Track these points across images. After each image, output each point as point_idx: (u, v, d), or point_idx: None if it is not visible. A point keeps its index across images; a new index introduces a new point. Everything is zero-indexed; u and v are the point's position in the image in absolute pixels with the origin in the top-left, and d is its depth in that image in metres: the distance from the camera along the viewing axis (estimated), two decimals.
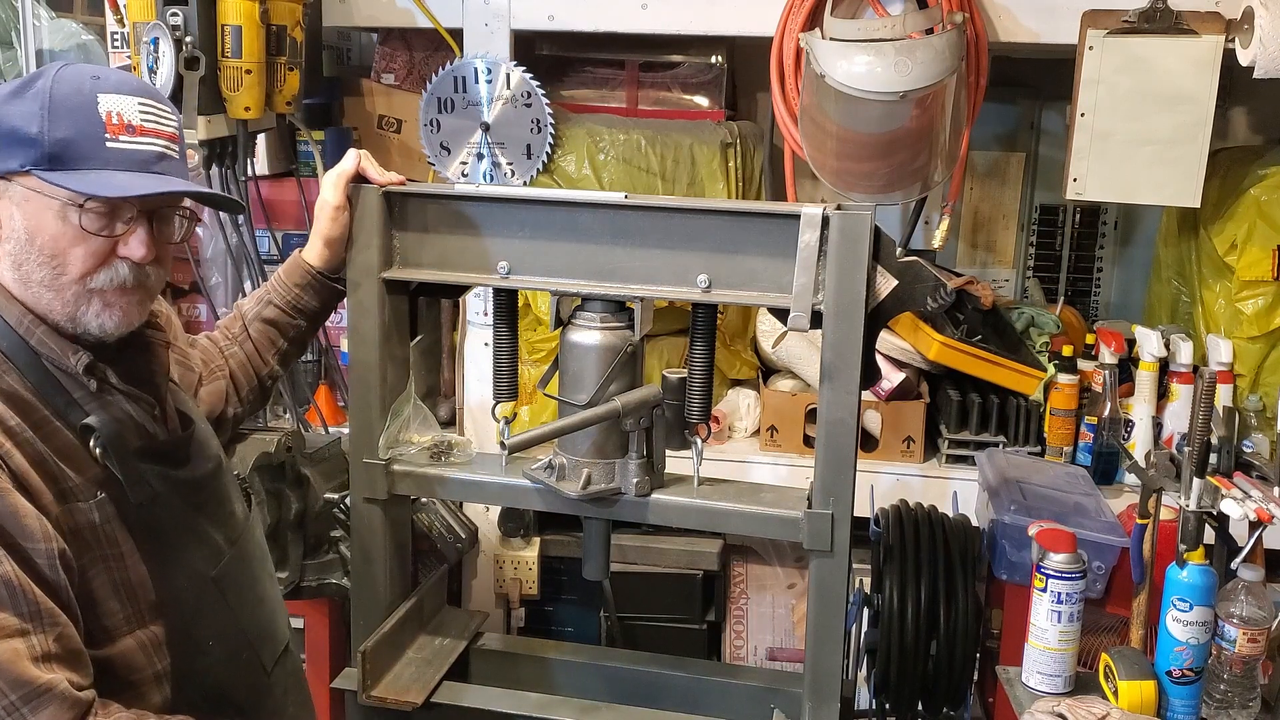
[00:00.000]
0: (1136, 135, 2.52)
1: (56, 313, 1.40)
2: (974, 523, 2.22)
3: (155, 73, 2.38)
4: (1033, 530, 1.84)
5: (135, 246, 1.41)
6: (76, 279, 1.39)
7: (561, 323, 1.90)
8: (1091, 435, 2.69)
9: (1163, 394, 2.70)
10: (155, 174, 1.42)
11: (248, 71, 2.49)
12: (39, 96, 1.34)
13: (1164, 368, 2.69)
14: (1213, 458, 1.68)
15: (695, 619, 2.98)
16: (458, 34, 2.82)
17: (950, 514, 2.23)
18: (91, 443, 1.41)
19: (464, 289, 2.21)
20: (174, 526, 1.50)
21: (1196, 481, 1.67)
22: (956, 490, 2.57)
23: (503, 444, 1.92)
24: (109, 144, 1.36)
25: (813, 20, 2.55)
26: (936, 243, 2.86)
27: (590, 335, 1.86)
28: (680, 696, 2.04)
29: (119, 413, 1.46)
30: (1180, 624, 1.66)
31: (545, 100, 2.76)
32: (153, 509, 1.46)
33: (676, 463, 1.96)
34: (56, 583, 1.32)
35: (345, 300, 1.93)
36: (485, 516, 2.89)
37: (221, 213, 2.81)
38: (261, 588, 1.71)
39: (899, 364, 2.77)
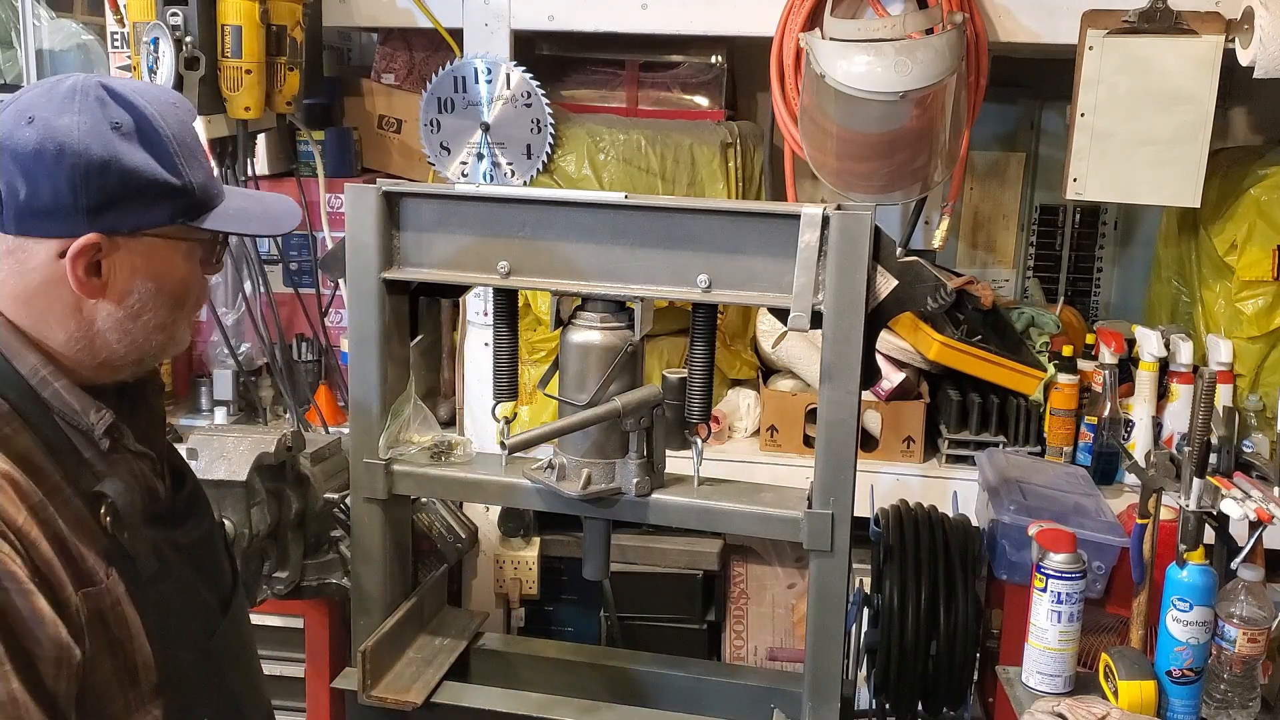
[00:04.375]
0: (1136, 135, 2.52)
1: (149, 349, 1.34)
2: (974, 523, 2.22)
3: (155, 73, 2.38)
4: (1033, 530, 1.84)
5: (219, 264, 1.42)
6: (189, 311, 1.38)
7: (561, 323, 1.90)
8: (1091, 435, 2.69)
9: (1163, 394, 2.70)
10: (240, 192, 1.42)
11: (248, 71, 2.49)
12: (155, 138, 1.26)
13: (1164, 368, 2.69)
14: (1213, 458, 1.68)
15: (695, 619, 2.98)
16: (458, 34, 2.82)
17: (950, 514, 2.23)
18: (103, 511, 1.29)
19: (464, 289, 2.21)
20: (177, 596, 1.40)
21: (1196, 481, 1.66)
22: (956, 490, 2.57)
23: (503, 444, 1.92)
24: (214, 173, 1.35)
25: (813, 20, 2.55)
26: (936, 243, 2.86)
27: (590, 335, 1.86)
28: (680, 696, 2.04)
29: (128, 475, 1.35)
30: (1180, 624, 1.66)
31: (545, 100, 2.76)
32: (159, 582, 1.36)
33: (676, 463, 1.96)
34: (55, 693, 1.22)
35: (345, 299, 1.92)
36: (485, 516, 2.89)
37: None
38: (250, 652, 1.62)
39: (899, 364, 2.77)
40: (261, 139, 2.89)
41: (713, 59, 3.02)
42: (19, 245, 1.25)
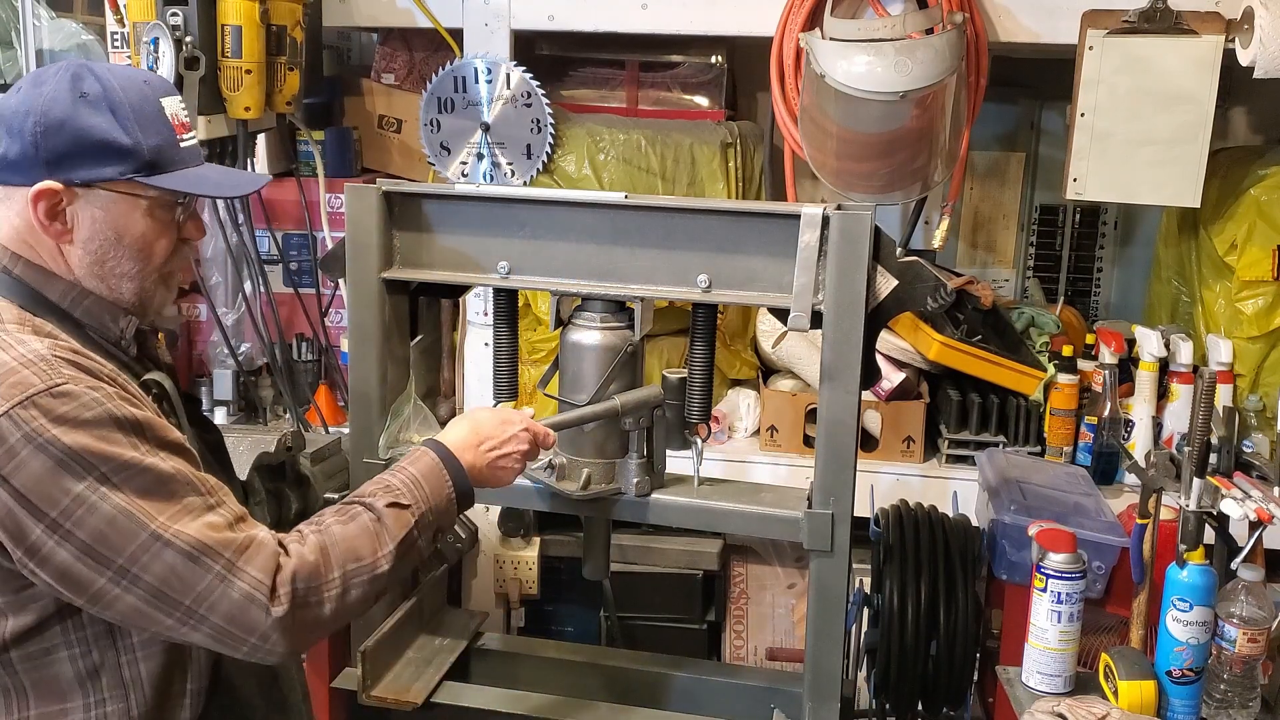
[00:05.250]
0: (1136, 135, 2.52)
1: (125, 295, 1.46)
2: (974, 523, 2.22)
3: (155, 72, 2.38)
4: (1033, 530, 1.84)
5: (195, 229, 1.52)
6: (159, 266, 1.48)
7: (561, 323, 1.90)
8: (1091, 435, 2.69)
9: (1163, 394, 2.70)
10: (215, 167, 1.55)
11: (248, 71, 2.49)
12: (114, 106, 1.40)
13: (1164, 368, 2.69)
14: (1213, 458, 1.68)
15: (695, 619, 2.98)
16: (458, 34, 2.82)
17: (950, 514, 2.23)
18: (153, 398, 1.44)
19: (464, 289, 2.21)
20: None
21: (1196, 481, 1.66)
22: (956, 490, 2.57)
23: None
24: (182, 144, 1.47)
25: (813, 20, 2.55)
26: (936, 243, 2.86)
27: (590, 335, 1.86)
28: (680, 696, 2.04)
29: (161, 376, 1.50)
30: (1180, 624, 1.65)
31: (545, 100, 2.76)
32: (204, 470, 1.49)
33: (676, 463, 1.96)
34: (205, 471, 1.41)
35: (345, 299, 1.93)
36: (485, 516, 2.89)
37: (221, 213, 2.81)
38: None
39: (899, 364, 2.77)
40: (261, 139, 2.89)
41: (713, 59, 3.02)
42: (4, 193, 1.42)
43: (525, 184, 2.80)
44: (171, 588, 1.30)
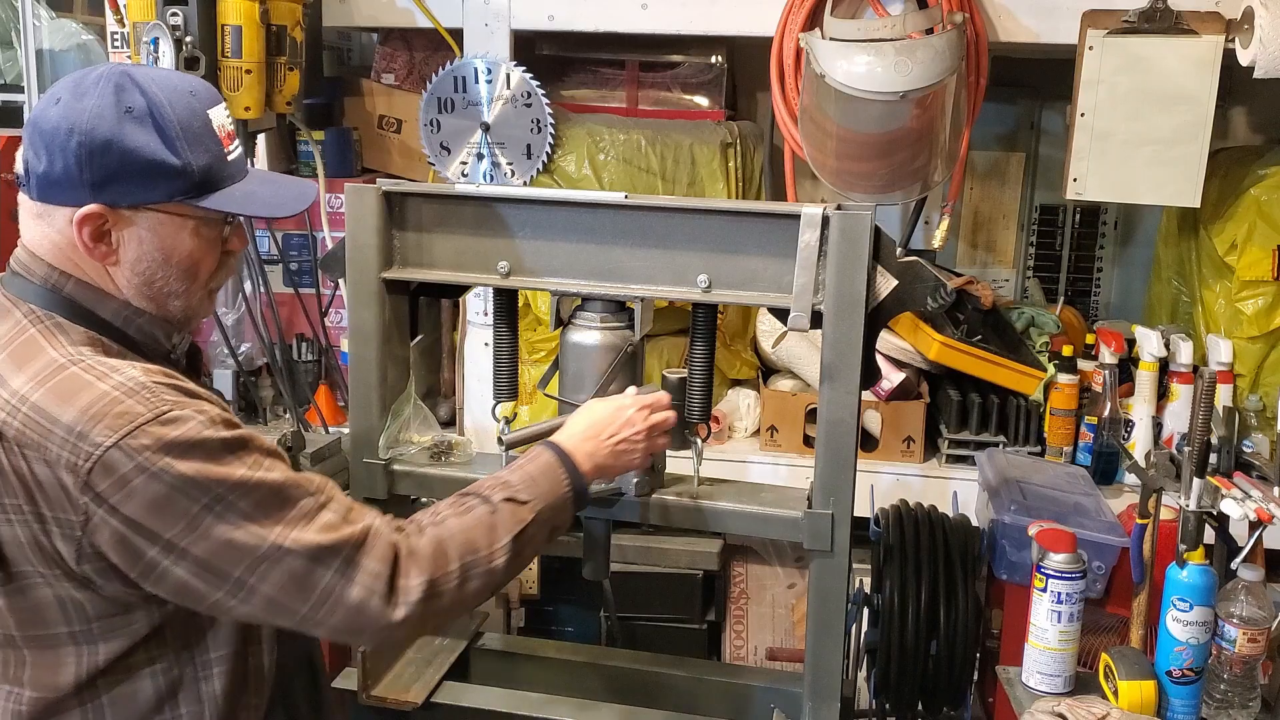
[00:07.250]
0: (1136, 135, 2.52)
1: (173, 313, 1.45)
2: (974, 523, 2.22)
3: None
4: (1033, 530, 1.84)
5: (239, 240, 1.50)
6: (205, 282, 1.46)
7: (561, 323, 1.90)
8: (1091, 435, 2.69)
9: (1163, 394, 2.70)
10: (261, 177, 1.51)
11: (248, 71, 2.49)
12: (162, 123, 1.35)
13: (1164, 368, 2.69)
14: (1213, 458, 1.68)
15: (695, 619, 2.98)
16: (458, 34, 2.82)
17: (950, 514, 2.23)
18: None
19: (464, 289, 2.21)
20: None
21: (1196, 481, 1.66)
22: (956, 490, 2.57)
23: (501, 440, 1.92)
24: (229, 158, 1.43)
25: (813, 20, 2.55)
26: (936, 243, 2.87)
27: (590, 335, 1.86)
28: (680, 696, 2.04)
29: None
30: (1180, 624, 1.65)
31: (545, 100, 2.76)
32: None
33: (676, 463, 1.95)
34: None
35: (345, 299, 1.93)
36: None
37: None
38: None
39: (899, 364, 2.77)
40: (261, 139, 2.89)
41: (713, 59, 3.02)
42: (45, 210, 1.37)
43: (525, 184, 2.80)
44: (289, 594, 1.31)
